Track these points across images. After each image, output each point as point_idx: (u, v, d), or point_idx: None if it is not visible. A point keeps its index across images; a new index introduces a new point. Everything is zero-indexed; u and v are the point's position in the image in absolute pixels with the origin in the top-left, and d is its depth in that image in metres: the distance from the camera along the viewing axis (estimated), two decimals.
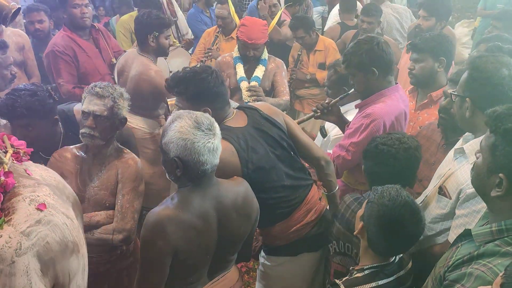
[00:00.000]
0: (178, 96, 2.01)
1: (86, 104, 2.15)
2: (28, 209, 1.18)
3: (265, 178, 2.02)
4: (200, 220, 1.66)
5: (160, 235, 1.59)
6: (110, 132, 2.20)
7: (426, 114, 2.70)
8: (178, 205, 1.65)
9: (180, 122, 1.62)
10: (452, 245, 1.53)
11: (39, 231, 1.16)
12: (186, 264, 1.69)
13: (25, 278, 1.12)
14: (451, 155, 1.97)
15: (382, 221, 1.62)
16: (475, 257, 1.35)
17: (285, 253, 2.21)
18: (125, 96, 2.24)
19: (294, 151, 2.18)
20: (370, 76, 2.33)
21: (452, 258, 1.43)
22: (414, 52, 2.68)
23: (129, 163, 2.24)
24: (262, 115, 2.11)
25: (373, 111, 2.30)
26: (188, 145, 1.59)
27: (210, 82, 1.96)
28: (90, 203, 2.20)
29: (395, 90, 2.40)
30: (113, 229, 2.14)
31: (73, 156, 2.25)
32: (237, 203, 1.78)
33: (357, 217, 1.77)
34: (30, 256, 1.13)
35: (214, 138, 1.64)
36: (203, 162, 1.61)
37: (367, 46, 2.30)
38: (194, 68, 2.01)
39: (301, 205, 2.14)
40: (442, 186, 1.88)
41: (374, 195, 1.68)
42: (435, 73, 2.65)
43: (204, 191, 1.69)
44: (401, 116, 2.39)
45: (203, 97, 1.95)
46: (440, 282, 1.43)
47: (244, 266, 3.50)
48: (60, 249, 1.21)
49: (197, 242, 1.67)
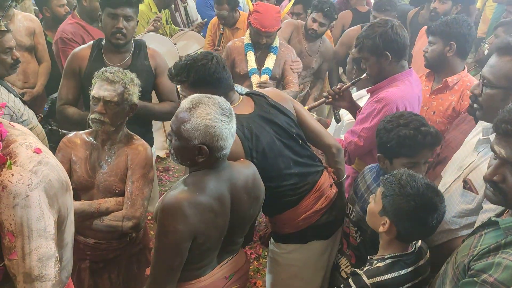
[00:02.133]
0: (181, 84, 2.00)
1: (96, 90, 2.12)
2: (27, 152, 1.29)
3: (271, 167, 1.99)
4: (216, 202, 1.66)
5: (180, 219, 1.57)
6: (120, 118, 2.17)
7: (440, 100, 2.65)
8: (195, 188, 1.63)
9: (205, 108, 1.60)
10: (474, 233, 1.48)
11: (43, 170, 1.29)
12: (203, 247, 1.69)
13: (39, 209, 1.26)
14: (471, 145, 1.91)
15: (416, 212, 1.59)
16: (502, 245, 1.30)
17: (294, 241, 2.19)
18: (135, 82, 2.20)
19: (302, 138, 2.14)
20: (383, 60, 2.29)
21: (477, 247, 1.38)
22: (430, 35, 2.65)
23: (139, 150, 2.21)
24: (270, 102, 2.08)
25: (385, 96, 2.27)
26: (217, 132, 1.59)
27: (210, 68, 1.94)
28: (99, 189, 2.19)
29: (408, 74, 2.35)
30: (123, 216, 2.13)
31: (83, 142, 2.23)
32: (247, 185, 1.78)
33: (373, 213, 1.72)
34: (40, 190, 1.26)
35: (233, 121, 1.66)
36: (226, 146, 1.63)
37: (381, 29, 2.26)
38: (194, 55, 2.00)
39: (310, 192, 2.11)
40: (466, 179, 1.81)
41: (389, 186, 1.63)
42: (444, 58, 2.59)
43: (218, 173, 1.69)
44: (414, 100, 2.34)
45: (205, 83, 1.93)
46: (464, 271, 1.38)
47: (253, 253, 3.51)
48: (59, 186, 1.35)
49: (214, 224, 1.67)
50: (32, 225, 1.25)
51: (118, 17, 2.57)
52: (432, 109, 2.66)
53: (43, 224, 1.27)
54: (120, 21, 2.57)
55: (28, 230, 1.24)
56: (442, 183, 2.04)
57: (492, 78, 1.74)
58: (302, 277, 2.24)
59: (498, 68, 1.75)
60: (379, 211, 1.68)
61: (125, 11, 2.58)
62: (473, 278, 1.32)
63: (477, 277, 1.31)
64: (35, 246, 1.26)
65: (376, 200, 1.72)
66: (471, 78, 2.63)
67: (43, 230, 1.27)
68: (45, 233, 1.28)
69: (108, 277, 2.29)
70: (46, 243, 1.28)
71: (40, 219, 1.26)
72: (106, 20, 2.60)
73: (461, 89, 2.56)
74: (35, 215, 1.25)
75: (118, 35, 2.61)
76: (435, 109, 2.65)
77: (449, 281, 1.47)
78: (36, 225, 1.25)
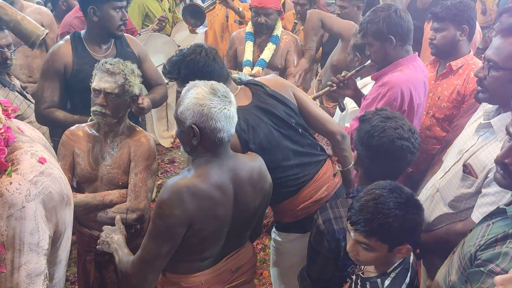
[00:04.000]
0: (175, 81, 2.01)
1: (97, 81, 2.10)
2: (31, 161, 1.25)
3: (269, 158, 1.96)
4: (217, 190, 1.65)
5: (177, 204, 1.58)
6: (121, 109, 2.15)
7: (445, 85, 2.61)
8: (196, 175, 1.63)
9: (196, 89, 1.62)
10: (481, 223, 1.45)
11: (43, 181, 1.24)
12: (202, 236, 1.68)
13: (33, 222, 1.20)
14: (471, 129, 1.87)
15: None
16: (510, 235, 1.28)
17: (294, 230, 2.18)
18: (136, 73, 2.18)
19: (303, 127, 2.12)
20: (387, 45, 2.26)
21: (484, 237, 1.35)
22: (435, 21, 2.57)
23: (142, 141, 2.20)
24: (268, 92, 2.05)
25: (389, 80, 2.24)
26: (205, 111, 1.58)
27: (199, 62, 1.93)
28: (103, 181, 2.18)
29: (413, 59, 2.32)
30: (127, 208, 2.12)
31: (85, 134, 2.21)
32: (252, 177, 1.77)
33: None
34: (37, 202, 1.21)
35: (230, 105, 1.63)
36: (220, 129, 1.60)
37: (384, 14, 2.23)
38: (182, 51, 1.99)
39: (310, 182, 2.09)
40: (466, 164, 1.78)
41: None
42: (457, 42, 2.54)
43: (221, 162, 1.68)
44: (419, 86, 2.31)
45: (197, 78, 1.89)
46: (471, 261, 1.36)
47: (259, 243, 3.51)
48: (59, 199, 1.29)
49: (214, 213, 1.66)
50: (24, 238, 1.19)
51: (122, 8, 2.56)
52: (437, 95, 2.63)
53: (37, 238, 1.21)
54: (124, 13, 2.57)
55: (20, 243, 1.19)
56: (443, 167, 2.02)
57: (498, 60, 1.70)
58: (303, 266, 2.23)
59: (503, 50, 1.70)
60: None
61: (123, 2, 2.57)
62: (479, 268, 1.30)
63: (483, 267, 1.28)
64: (25, 261, 1.20)
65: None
66: (476, 61, 2.58)
67: (36, 245, 1.22)
68: (38, 248, 1.22)
69: (114, 269, 2.29)
70: (37, 259, 1.23)
71: (34, 232, 1.21)
72: (112, 13, 2.55)
73: (466, 72, 2.53)
74: (29, 228, 1.19)
75: (123, 26, 2.60)
76: (440, 94, 2.62)
77: (455, 270, 1.45)
78: (29, 238, 1.20)
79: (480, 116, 1.89)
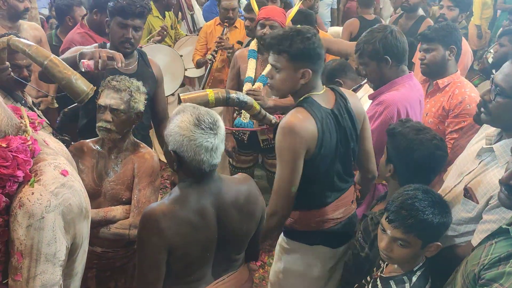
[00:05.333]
0: (279, 55, 1.95)
1: (103, 98, 2.14)
2: (54, 173, 1.28)
3: (321, 168, 1.99)
4: (196, 215, 1.63)
5: (154, 231, 1.57)
6: (126, 125, 2.18)
7: (433, 102, 2.72)
8: (174, 201, 1.63)
9: (182, 116, 1.59)
10: (484, 242, 1.46)
11: (64, 193, 1.27)
12: (185, 261, 1.66)
13: (51, 232, 1.23)
14: (473, 151, 1.89)
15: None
16: None
17: (301, 239, 2.18)
18: (141, 90, 2.22)
19: (354, 155, 2.14)
20: (383, 65, 2.31)
21: (488, 256, 1.37)
22: (424, 43, 2.68)
23: (146, 158, 2.22)
24: (348, 108, 2.05)
25: (386, 98, 2.28)
26: (185, 142, 1.56)
27: (314, 42, 1.93)
28: (106, 197, 2.19)
29: (408, 78, 2.37)
30: (130, 224, 2.13)
31: (90, 150, 2.24)
32: (238, 200, 1.74)
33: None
34: (56, 213, 1.24)
35: (215, 138, 1.59)
36: (199, 161, 1.58)
37: (380, 35, 2.28)
38: (295, 27, 1.99)
39: (332, 201, 2.11)
40: (467, 188, 1.79)
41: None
42: (446, 62, 2.65)
43: (202, 187, 1.66)
44: (415, 104, 2.36)
45: (307, 56, 1.92)
46: (474, 280, 1.37)
47: (259, 260, 3.48)
48: (78, 212, 1.32)
49: (194, 238, 1.64)
50: (42, 249, 1.22)
51: (128, 27, 2.57)
52: (425, 111, 2.73)
53: (54, 249, 1.24)
54: (129, 31, 2.57)
55: (37, 253, 1.22)
56: (443, 188, 2.03)
57: (506, 87, 1.68)
58: (299, 279, 2.23)
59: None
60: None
61: (135, 21, 2.58)
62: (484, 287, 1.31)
63: (488, 287, 1.29)
64: (41, 271, 1.23)
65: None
66: (463, 80, 2.70)
67: (52, 256, 1.24)
68: (54, 258, 1.25)
69: (115, 286, 2.29)
70: (52, 269, 1.25)
71: (52, 243, 1.23)
72: (115, 29, 2.60)
73: (451, 89, 2.64)
74: (46, 239, 1.22)
75: (127, 44, 2.61)
76: (427, 111, 2.73)
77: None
78: (46, 249, 1.23)
79: (481, 138, 1.90)
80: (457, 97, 2.57)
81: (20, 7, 3.48)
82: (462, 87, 2.61)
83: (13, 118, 1.30)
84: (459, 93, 2.58)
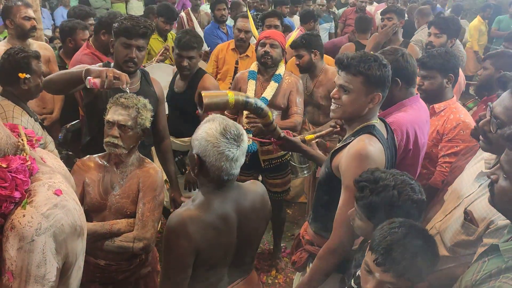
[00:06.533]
0: (354, 76, 1.91)
1: (111, 114, 2.21)
2: (47, 193, 1.28)
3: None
4: (220, 220, 1.70)
5: (183, 235, 1.63)
6: (133, 141, 2.25)
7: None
8: (200, 206, 1.70)
9: (210, 124, 1.68)
10: (478, 259, 1.51)
11: (56, 214, 1.26)
12: (208, 264, 1.73)
13: (41, 255, 1.23)
14: (472, 173, 1.92)
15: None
16: (503, 270, 1.34)
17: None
18: (148, 107, 2.29)
19: None
20: (393, 86, 2.31)
21: (480, 272, 1.42)
22: (423, 70, 2.70)
23: (150, 173, 2.28)
24: (394, 143, 2.11)
25: (394, 120, 2.30)
26: (209, 148, 1.64)
27: (389, 70, 1.96)
28: (111, 211, 2.24)
29: (415, 100, 2.41)
30: (134, 237, 2.17)
31: (96, 165, 2.30)
32: (255, 205, 1.83)
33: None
34: (47, 236, 1.24)
35: (237, 149, 1.67)
36: (219, 167, 1.66)
37: (391, 57, 2.31)
38: (370, 53, 1.99)
39: None
40: (468, 211, 1.82)
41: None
42: (443, 89, 2.68)
43: (224, 193, 1.74)
44: (423, 125, 2.39)
45: (382, 83, 1.93)
46: None
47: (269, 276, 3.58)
48: (71, 231, 1.31)
49: (218, 242, 1.71)
50: (31, 270, 1.22)
51: (131, 47, 2.63)
52: None
53: (43, 271, 1.24)
54: (133, 51, 2.63)
55: (26, 275, 1.22)
56: (443, 209, 2.07)
57: (507, 121, 1.66)
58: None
59: None
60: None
61: (138, 42, 2.64)
62: None
63: None
64: None
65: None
66: (458, 105, 2.72)
67: (41, 277, 1.24)
68: (43, 280, 1.25)
69: None
70: None
71: (41, 265, 1.24)
72: (119, 48, 2.66)
73: (447, 114, 2.66)
74: (36, 261, 1.22)
75: (130, 63, 2.67)
76: None
77: None
78: (36, 271, 1.23)
79: (480, 160, 1.94)
80: (451, 122, 2.60)
81: (27, 26, 3.58)
82: (457, 112, 2.64)
83: (11, 137, 1.32)
84: (453, 118, 2.61)
